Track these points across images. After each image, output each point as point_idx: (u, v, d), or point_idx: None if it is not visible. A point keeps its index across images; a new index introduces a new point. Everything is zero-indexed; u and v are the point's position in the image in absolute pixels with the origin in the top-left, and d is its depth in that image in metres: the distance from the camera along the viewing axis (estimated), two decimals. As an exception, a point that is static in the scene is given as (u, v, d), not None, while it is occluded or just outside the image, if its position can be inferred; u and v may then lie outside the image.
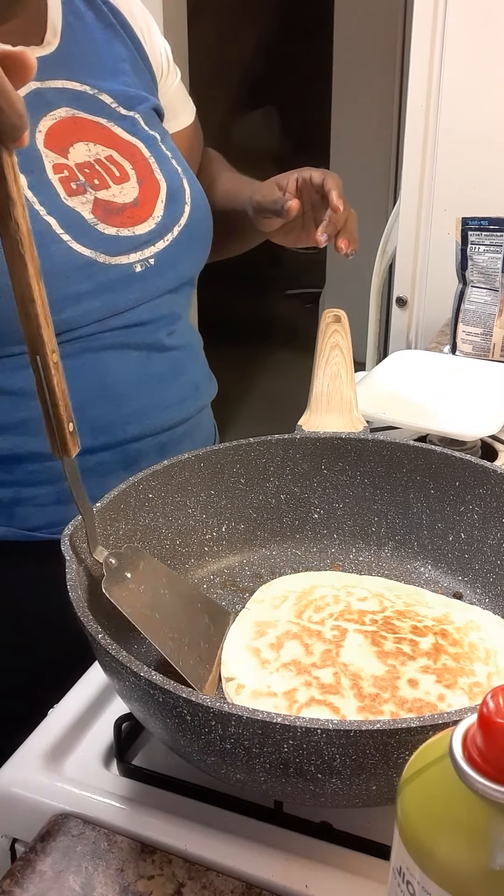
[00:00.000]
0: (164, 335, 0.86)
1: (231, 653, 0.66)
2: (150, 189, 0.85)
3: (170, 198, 0.86)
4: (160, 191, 0.86)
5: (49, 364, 0.56)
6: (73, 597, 0.57)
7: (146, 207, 0.84)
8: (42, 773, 0.63)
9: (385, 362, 1.18)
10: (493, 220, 1.26)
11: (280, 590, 0.71)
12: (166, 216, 0.85)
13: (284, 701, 0.59)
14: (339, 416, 0.80)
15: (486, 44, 1.46)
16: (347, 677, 0.61)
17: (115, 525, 0.68)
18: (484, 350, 1.31)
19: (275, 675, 0.62)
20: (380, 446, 0.78)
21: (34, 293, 0.53)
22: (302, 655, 0.63)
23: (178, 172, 0.89)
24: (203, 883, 0.55)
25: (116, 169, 0.83)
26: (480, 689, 0.60)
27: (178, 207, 0.87)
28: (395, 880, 0.41)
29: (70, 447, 0.59)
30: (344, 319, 0.90)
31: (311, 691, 0.60)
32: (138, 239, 0.82)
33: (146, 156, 0.87)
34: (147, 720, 0.56)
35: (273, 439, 0.78)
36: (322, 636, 0.65)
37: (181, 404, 0.89)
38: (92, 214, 0.79)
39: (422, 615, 0.67)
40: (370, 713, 0.57)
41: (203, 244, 0.92)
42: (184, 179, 0.89)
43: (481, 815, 0.36)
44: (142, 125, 0.88)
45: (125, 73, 0.89)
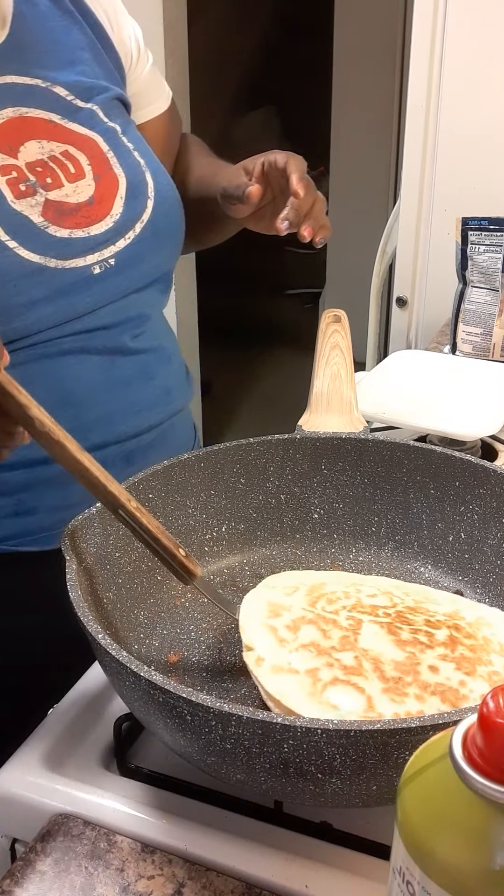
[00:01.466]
0: (129, 338, 0.82)
1: (248, 622, 0.64)
2: (107, 185, 0.81)
3: (130, 193, 0.82)
4: (119, 186, 0.81)
5: (132, 512, 0.61)
6: (73, 597, 0.57)
7: (103, 205, 0.80)
8: (42, 774, 0.63)
9: (385, 362, 1.18)
10: (493, 220, 1.26)
11: (290, 581, 0.71)
12: (126, 213, 0.81)
13: (308, 678, 0.57)
14: (339, 416, 0.80)
15: (486, 44, 1.46)
16: (369, 661, 0.60)
17: (115, 525, 0.68)
18: (484, 350, 1.31)
19: (294, 654, 0.60)
20: (380, 446, 0.78)
21: (85, 464, 0.59)
22: (321, 639, 0.62)
23: (139, 166, 0.84)
24: (203, 883, 0.55)
25: (72, 165, 0.79)
26: (500, 678, 0.60)
27: (140, 203, 0.82)
28: (395, 880, 0.41)
29: (193, 570, 0.64)
30: (344, 319, 0.90)
31: (335, 671, 0.58)
32: (94, 240, 0.78)
33: (104, 150, 0.82)
34: (147, 720, 0.56)
35: (273, 439, 0.78)
36: (338, 624, 0.64)
37: (150, 410, 0.85)
38: (42, 217, 0.75)
39: (432, 611, 0.67)
40: (395, 694, 0.57)
41: (171, 239, 0.87)
42: (146, 172, 0.85)
43: (481, 815, 0.36)
44: (100, 117, 0.84)
45: (83, 62, 0.85)
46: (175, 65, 2.23)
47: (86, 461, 0.59)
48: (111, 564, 0.67)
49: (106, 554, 0.66)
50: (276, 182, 0.82)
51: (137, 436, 0.83)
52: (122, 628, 0.67)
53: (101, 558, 0.65)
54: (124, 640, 0.66)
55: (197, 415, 2.69)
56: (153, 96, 0.95)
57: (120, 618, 0.67)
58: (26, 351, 0.74)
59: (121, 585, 0.68)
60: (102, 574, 0.66)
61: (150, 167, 0.85)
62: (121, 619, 0.67)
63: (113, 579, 0.67)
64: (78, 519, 0.64)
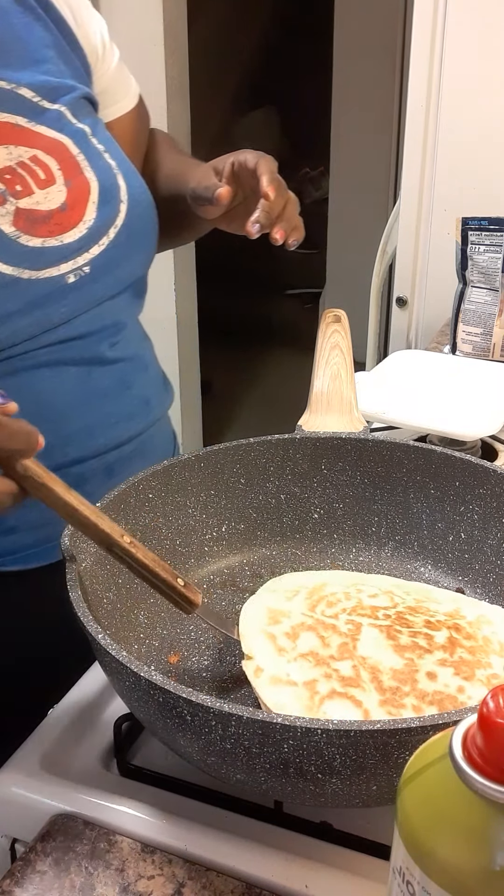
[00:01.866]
0: (106, 347, 0.80)
1: (248, 630, 0.65)
2: (79, 190, 0.78)
3: (102, 197, 0.79)
4: (90, 190, 0.79)
5: (126, 548, 0.60)
6: (73, 597, 0.57)
7: (76, 211, 0.77)
8: (42, 774, 0.63)
9: (385, 362, 1.18)
10: (493, 220, 1.26)
11: (291, 584, 0.71)
12: (99, 218, 0.78)
13: (306, 691, 0.58)
14: (339, 416, 0.80)
15: (486, 44, 1.46)
16: (367, 670, 0.60)
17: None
18: (484, 350, 1.31)
19: (293, 664, 0.61)
20: (380, 446, 0.78)
21: (73, 504, 0.58)
22: (319, 647, 0.62)
23: (111, 168, 0.82)
24: (203, 883, 0.55)
25: (42, 170, 0.76)
26: (498, 681, 0.60)
27: (113, 207, 0.80)
28: (395, 880, 0.41)
29: (193, 599, 0.63)
30: (344, 319, 0.90)
31: (332, 683, 0.59)
32: (68, 248, 0.76)
33: (74, 153, 0.79)
34: (147, 720, 0.56)
35: (273, 439, 0.78)
36: (337, 629, 0.64)
37: (129, 421, 0.83)
38: (13, 227, 0.73)
39: (433, 610, 0.67)
40: (392, 706, 0.57)
41: (145, 243, 0.85)
42: (118, 175, 0.82)
43: (481, 815, 0.36)
44: (69, 118, 0.81)
45: (48, 61, 0.82)
46: (175, 65, 2.23)
47: (74, 501, 0.58)
48: (111, 564, 0.67)
49: (106, 554, 0.66)
50: (247, 182, 0.80)
51: (117, 447, 0.82)
52: (122, 628, 0.67)
53: (101, 558, 0.65)
54: (124, 640, 0.66)
55: (196, 415, 2.69)
56: (121, 93, 0.92)
57: (120, 618, 0.67)
58: (1, 365, 0.72)
59: (121, 585, 0.68)
60: (102, 574, 0.66)
61: (122, 169, 0.83)
62: (121, 619, 0.67)
63: (113, 579, 0.67)
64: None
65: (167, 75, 2.20)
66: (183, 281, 2.40)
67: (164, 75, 2.20)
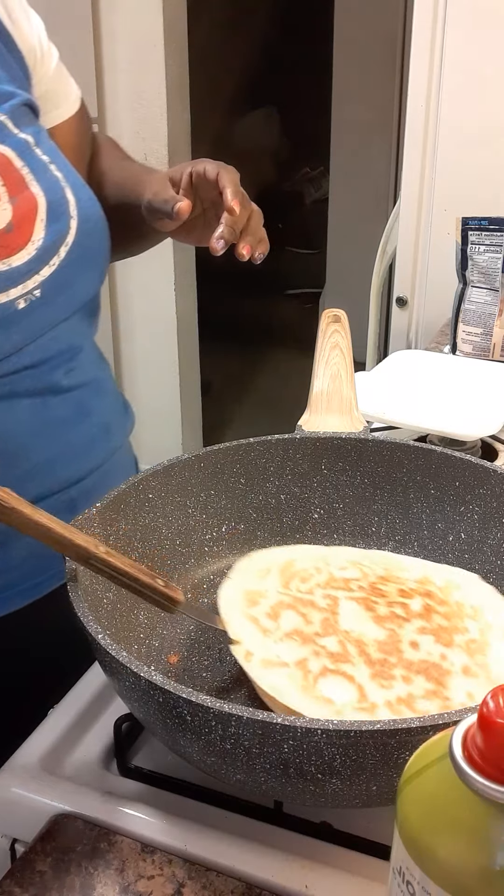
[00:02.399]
0: (62, 375, 0.76)
1: (229, 614, 0.64)
2: (25, 207, 0.72)
3: (51, 214, 0.73)
4: (38, 207, 0.73)
5: (103, 558, 0.57)
6: (72, 597, 0.57)
7: (23, 231, 0.71)
8: (42, 774, 0.63)
9: (385, 362, 1.18)
10: (493, 220, 1.26)
11: (261, 563, 0.71)
12: (48, 238, 0.73)
13: (298, 671, 0.58)
14: (339, 416, 0.80)
15: (486, 44, 1.46)
16: (353, 644, 0.61)
17: (115, 525, 0.68)
18: (484, 350, 1.31)
19: (280, 644, 0.61)
20: (380, 446, 0.78)
21: (44, 522, 0.55)
22: (302, 625, 0.62)
23: (58, 181, 0.76)
24: (203, 883, 0.55)
25: None
26: (476, 645, 0.62)
27: (63, 224, 0.74)
28: (395, 880, 0.41)
29: (174, 597, 0.61)
30: (344, 319, 0.90)
31: (322, 660, 0.59)
32: (17, 271, 0.70)
33: (17, 166, 0.73)
34: (147, 720, 0.56)
35: (273, 439, 0.78)
36: (316, 605, 0.64)
37: (90, 450, 0.80)
38: None
39: (403, 578, 0.68)
40: (383, 679, 0.58)
41: (98, 261, 0.80)
42: (66, 188, 0.76)
43: (481, 815, 0.36)
44: (10, 128, 0.74)
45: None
46: (175, 65, 2.24)
47: (44, 520, 0.56)
48: (111, 564, 0.67)
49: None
50: (206, 193, 0.77)
51: (79, 481, 0.78)
52: (122, 628, 0.67)
53: (101, 558, 0.65)
54: (124, 640, 0.66)
55: (197, 415, 2.69)
56: (62, 97, 0.86)
57: (120, 618, 0.67)
58: None
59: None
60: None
61: (70, 181, 0.77)
62: (121, 619, 0.67)
63: (113, 579, 0.67)
64: (78, 519, 0.64)
65: (167, 75, 2.21)
66: (183, 281, 2.40)
67: (164, 75, 2.20)
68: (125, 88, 2.24)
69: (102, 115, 2.27)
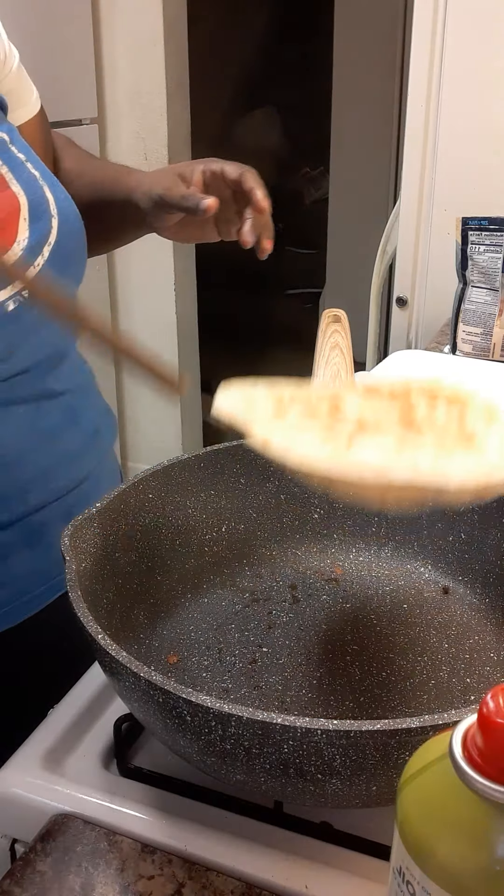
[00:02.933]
0: (52, 380, 0.76)
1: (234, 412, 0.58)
2: (7, 207, 0.71)
3: (33, 214, 0.72)
4: (20, 207, 0.72)
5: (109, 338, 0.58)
6: (73, 597, 0.57)
7: (7, 232, 0.70)
8: (42, 774, 0.63)
9: (385, 362, 1.18)
10: (493, 220, 1.26)
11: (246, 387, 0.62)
12: (32, 237, 0.72)
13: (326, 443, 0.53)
14: (339, 415, 0.80)
15: (486, 44, 1.46)
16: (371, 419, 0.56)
17: (115, 525, 0.68)
18: (484, 350, 1.31)
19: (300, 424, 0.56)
20: (380, 446, 0.77)
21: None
22: (313, 413, 0.57)
23: (36, 179, 0.75)
24: (203, 883, 0.55)
25: None
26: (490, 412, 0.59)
27: (45, 224, 0.73)
28: (395, 880, 0.41)
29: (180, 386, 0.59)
30: (344, 319, 0.90)
31: (347, 429, 0.54)
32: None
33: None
34: (147, 720, 0.56)
35: (273, 439, 0.78)
36: (321, 401, 0.59)
37: (82, 457, 0.80)
38: None
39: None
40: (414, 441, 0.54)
41: (78, 260, 0.80)
42: (45, 187, 0.75)
43: (481, 815, 0.36)
44: None
45: None
46: (175, 65, 2.24)
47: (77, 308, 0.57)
48: (111, 564, 0.67)
49: (105, 554, 0.66)
50: (218, 192, 0.77)
51: (76, 487, 0.79)
52: (121, 628, 0.67)
53: (100, 558, 0.65)
54: (124, 640, 0.66)
55: (197, 415, 2.69)
56: (25, 97, 0.85)
57: (120, 618, 0.67)
58: None
59: (120, 585, 0.68)
60: (102, 574, 0.66)
61: (47, 180, 0.77)
62: (120, 620, 0.67)
63: (113, 579, 0.67)
64: (77, 519, 0.64)
65: (167, 75, 2.21)
66: (183, 281, 2.41)
67: (164, 75, 2.20)
68: (125, 88, 2.24)
69: (102, 115, 2.27)
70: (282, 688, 0.64)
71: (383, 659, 0.67)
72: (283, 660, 0.67)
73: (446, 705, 0.62)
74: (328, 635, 0.70)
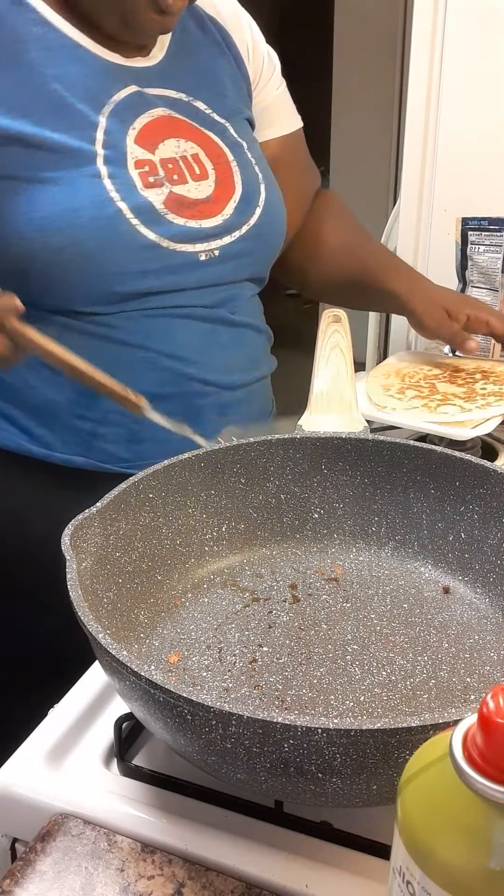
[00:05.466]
0: (228, 313, 0.94)
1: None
2: (224, 190, 0.92)
3: (243, 200, 0.93)
4: (234, 194, 0.92)
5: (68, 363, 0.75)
6: (73, 596, 0.57)
7: (217, 204, 0.91)
8: (42, 773, 0.63)
9: (385, 362, 1.18)
10: (493, 220, 1.26)
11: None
12: (235, 216, 0.92)
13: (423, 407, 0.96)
14: (339, 416, 0.80)
15: (486, 45, 1.46)
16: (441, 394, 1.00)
17: (116, 525, 0.68)
18: (484, 350, 1.31)
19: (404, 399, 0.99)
20: (380, 446, 0.78)
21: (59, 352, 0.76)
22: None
23: (257, 178, 0.95)
24: (203, 883, 0.55)
25: (198, 167, 0.90)
26: None
27: (249, 209, 0.93)
28: (395, 880, 0.41)
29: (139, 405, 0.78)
30: (344, 319, 0.90)
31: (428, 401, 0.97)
32: (204, 231, 0.89)
33: (229, 159, 0.93)
34: (147, 720, 0.56)
35: (273, 439, 0.78)
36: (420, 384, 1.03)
37: (241, 372, 0.97)
38: (163, 205, 0.86)
39: None
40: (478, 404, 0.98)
41: (271, 245, 0.99)
42: (261, 184, 0.95)
43: (481, 815, 0.36)
44: (231, 132, 0.95)
45: (226, 89, 0.97)
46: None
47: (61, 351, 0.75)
48: (111, 564, 0.67)
49: (106, 554, 0.66)
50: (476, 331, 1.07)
51: (230, 389, 0.96)
52: (122, 628, 0.67)
53: (101, 558, 0.65)
54: (124, 640, 0.66)
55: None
56: (273, 119, 1.06)
57: (120, 618, 0.67)
58: (140, 311, 0.88)
59: (121, 585, 0.68)
60: (103, 574, 0.66)
61: (265, 181, 0.96)
62: (121, 619, 0.67)
63: (113, 579, 0.67)
64: (78, 519, 0.64)
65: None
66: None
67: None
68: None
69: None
70: (282, 687, 0.64)
71: (383, 658, 0.67)
72: (283, 659, 0.67)
73: (446, 705, 0.62)
74: (328, 635, 0.70)
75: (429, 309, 1.04)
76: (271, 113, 1.05)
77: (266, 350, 1.07)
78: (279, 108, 1.07)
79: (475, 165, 1.52)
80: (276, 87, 1.05)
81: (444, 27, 1.47)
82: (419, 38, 1.50)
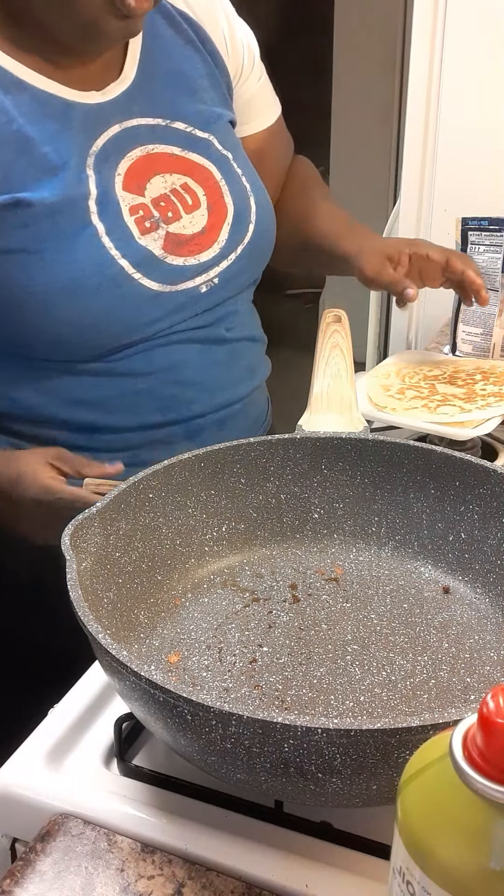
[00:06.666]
0: (224, 330, 0.95)
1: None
2: (217, 214, 0.91)
3: (235, 220, 0.92)
4: (227, 215, 0.91)
5: None
6: (73, 596, 0.57)
7: (212, 234, 0.90)
8: (42, 773, 0.63)
9: (385, 362, 1.18)
10: (493, 220, 1.26)
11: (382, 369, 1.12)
12: (230, 240, 0.91)
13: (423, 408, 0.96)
14: (339, 416, 0.80)
15: (486, 44, 1.46)
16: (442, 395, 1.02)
17: (116, 525, 0.68)
18: (484, 350, 1.31)
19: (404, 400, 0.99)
20: (380, 446, 0.78)
21: None
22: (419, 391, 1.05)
23: (246, 191, 0.94)
24: (203, 883, 0.55)
25: (189, 196, 0.89)
26: None
27: (242, 228, 0.93)
28: (395, 880, 0.41)
29: None
30: (344, 319, 0.90)
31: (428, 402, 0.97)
32: (203, 265, 0.89)
33: (217, 178, 0.91)
34: (147, 720, 0.56)
35: (273, 439, 0.78)
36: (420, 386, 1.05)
37: (238, 385, 0.98)
38: (162, 250, 0.86)
39: None
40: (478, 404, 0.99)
41: (264, 255, 0.98)
42: (251, 198, 0.94)
43: (481, 815, 0.36)
44: (216, 146, 0.92)
45: (203, 90, 0.93)
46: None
47: None
48: (111, 564, 0.67)
49: (106, 554, 0.66)
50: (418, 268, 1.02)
51: (229, 406, 0.96)
52: (122, 628, 0.67)
53: (101, 558, 0.65)
54: (124, 640, 0.66)
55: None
56: (255, 112, 1.03)
57: (120, 618, 0.67)
58: (144, 344, 0.88)
59: (121, 585, 0.68)
60: (102, 574, 0.66)
61: (254, 191, 0.95)
62: (121, 619, 0.67)
63: (113, 579, 0.67)
64: (78, 519, 0.64)
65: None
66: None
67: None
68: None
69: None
70: (282, 687, 0.64)
71: (383, 658, 0.67)
72: (283, 659, 0.67)
73: (446, 705, 0.62)
74: (328, 635, 0.70)
75: (371, 258, 1.01)
76: (253, 105, 1.02)
77: (261, 357, 1.06)
78: (261, 99, 1.03)
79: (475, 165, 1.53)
80: (258, 79, 1.02)
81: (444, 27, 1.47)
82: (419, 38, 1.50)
